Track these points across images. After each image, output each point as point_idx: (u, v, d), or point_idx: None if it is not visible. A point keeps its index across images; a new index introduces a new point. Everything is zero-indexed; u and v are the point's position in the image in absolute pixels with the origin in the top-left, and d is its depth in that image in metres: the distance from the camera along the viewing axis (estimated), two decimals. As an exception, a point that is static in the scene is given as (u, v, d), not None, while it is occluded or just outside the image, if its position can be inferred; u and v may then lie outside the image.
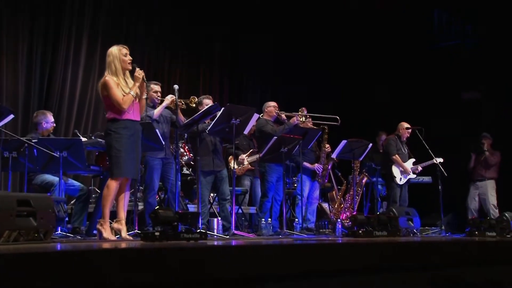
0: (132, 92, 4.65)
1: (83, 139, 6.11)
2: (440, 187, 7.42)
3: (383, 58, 10.47)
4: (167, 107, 6.05)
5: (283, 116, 7.01)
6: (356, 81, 10.64)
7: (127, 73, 4.76)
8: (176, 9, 9.35)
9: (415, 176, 7.86)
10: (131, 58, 4.75)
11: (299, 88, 10.39)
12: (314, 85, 10.55)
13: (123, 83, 4.68)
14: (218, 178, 6.28)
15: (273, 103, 7.11)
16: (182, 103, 6.14)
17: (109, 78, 4.63)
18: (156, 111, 5.94)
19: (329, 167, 7.50)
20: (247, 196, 7.85)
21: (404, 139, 7.94)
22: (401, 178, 7.73)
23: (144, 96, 4.91)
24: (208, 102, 6.29)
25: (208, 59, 10.07)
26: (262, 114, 6.97)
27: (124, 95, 4.61)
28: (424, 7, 9.94)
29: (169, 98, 5.97)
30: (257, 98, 10.41)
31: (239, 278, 2.86)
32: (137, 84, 4.71)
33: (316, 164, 7.27)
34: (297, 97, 9.75)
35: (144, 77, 4.79)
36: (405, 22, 10.05)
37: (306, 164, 7.12)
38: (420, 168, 7.82)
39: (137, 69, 4.73)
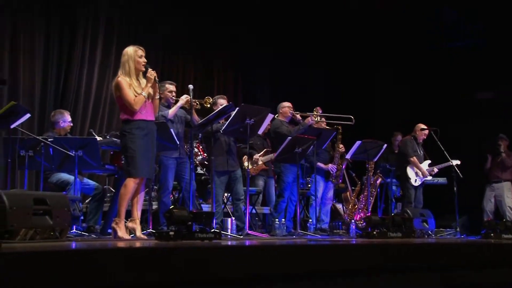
0: (143, 93, 4.65)
1: (98, 138, 6.14)
2: (455, 188, 7.34)
3: (383, 58, 10.41)
4: (182, 107, 6.05)
5: (298, 116, 6.98)
6: (356, 81, 10.58)
7: (141, 74, 4.77)
8: (176, 9, 9.33)
9: (431, 178, 7.80)
10: (145, 60, 4.75)
11: (298, 88, 10.33)
12: (314, 85, 10.48)
13: (136, 84, 4.68)
14: (232, 178, 6.28)
15: (287, 104, 7.08)
16: (197, 103, 6.13)
17: (121, 78, 4.64)
18: (171, 111, 5.95)
19: (343, 167, 7.47)
20: (261, 196, 7.84)
21: (421, 140, 7.88)
22: (416, 179, 7.67)
23: (157, 97, 4.90)
24: (222, 102, 6.28)
25: (207, 59, 10.02)
26: (277, 115, 6.95)
27: (136, 96, 4.62)
28: (425, 6, 9.79)
29: (184, 98, 5.95)
30: (257, 98, 10.38)
31: (253, 278, 2.87)
32: (149, 84, 4.71)
33: (330, 165, 7.25)
34: (297, 97, 9.68)
35: (156, 77, 4.79)
36: (405, 22, 9.95)
37: (320, 164, 7.10)
38: (436, 170, 7.75)
39: (149, 69, 4.73)
